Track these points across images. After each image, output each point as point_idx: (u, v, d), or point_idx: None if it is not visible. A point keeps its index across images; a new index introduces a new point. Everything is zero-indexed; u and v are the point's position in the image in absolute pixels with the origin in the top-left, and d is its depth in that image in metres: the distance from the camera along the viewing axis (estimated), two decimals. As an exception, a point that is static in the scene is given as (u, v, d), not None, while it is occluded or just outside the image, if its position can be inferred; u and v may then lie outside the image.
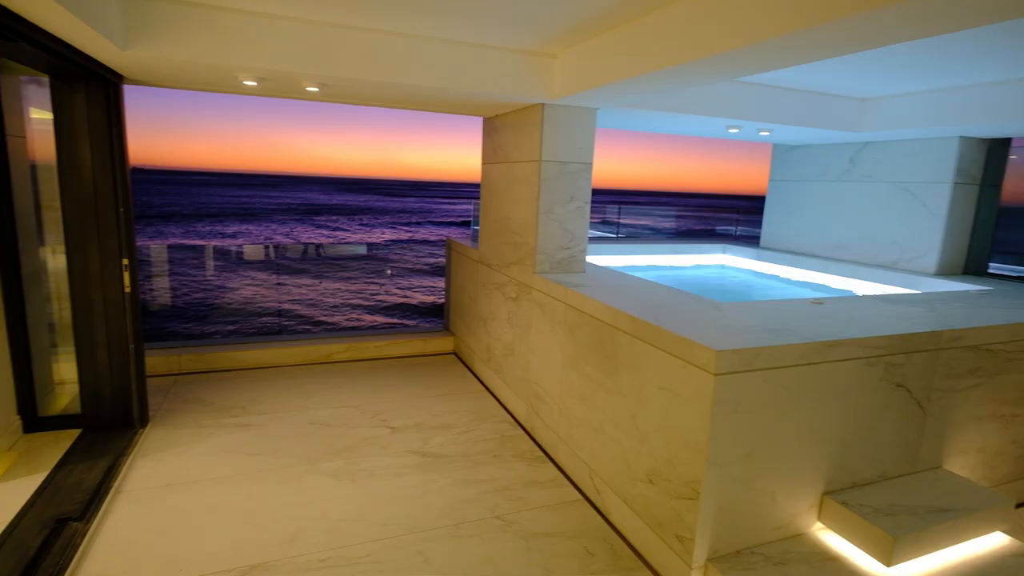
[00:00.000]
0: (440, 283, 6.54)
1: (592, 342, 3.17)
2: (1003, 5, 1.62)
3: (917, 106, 4.29)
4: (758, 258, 6.25)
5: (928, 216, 4.75)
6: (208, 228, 37.25)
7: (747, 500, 2.45)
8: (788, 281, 5.76)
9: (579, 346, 3.32)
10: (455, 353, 5.80)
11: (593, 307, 3.16)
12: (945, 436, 2.96)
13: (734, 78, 3.29)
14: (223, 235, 35.22)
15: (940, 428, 2.93)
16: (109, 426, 3.75)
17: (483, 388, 4.86)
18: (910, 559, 2.42)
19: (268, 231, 37.65)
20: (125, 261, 3.58)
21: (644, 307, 2.96)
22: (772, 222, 6.35)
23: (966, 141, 4.56)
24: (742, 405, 2.33)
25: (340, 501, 3.09)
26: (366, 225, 42.99)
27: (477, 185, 5.19)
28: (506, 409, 4.42)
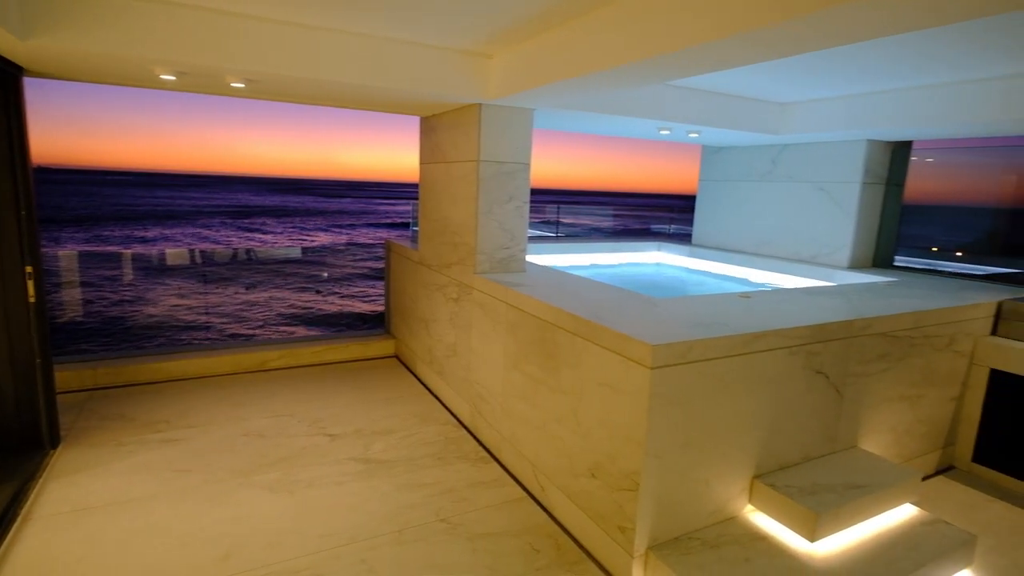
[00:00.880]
0: (382, 288, 6.41)
1: (533, 341, 3.20)
2: (905, 18, 1.76)
3: (829, 111, 4.60)
4: (691, 255, 6.51)
5: (841, 214, 5.10)
6: (127, 233, 34.85)
7: (684, 488, 2.55)
8: (719, 276, 6.03)
9: (521, 345, 3.34)
10: (396, 356, 5.70)
11: (534, 306, 3.19)
12: (859, 417, 3.18)
13: (664, 81, 3.41)
14: (143, 240, 33.07)
15: (855, 410, 3.15)
16: (15, 448, 3.44)
17: (426, 391, 4.80)
18: (831, 534, 2.59)
19: (194, 235, 35.66)
20: (29, 269, 3.29)
21: (583, 305, 3.01)
22: (703, 220, 6.63)
23: (873, 144, 4.93)
24: (677, 397, 2.42)
25: (277, 514, 2.97)
26: (301, 227, 41.51)
27: (416, 185, 5.12)
28: (449, 411, 4.39)
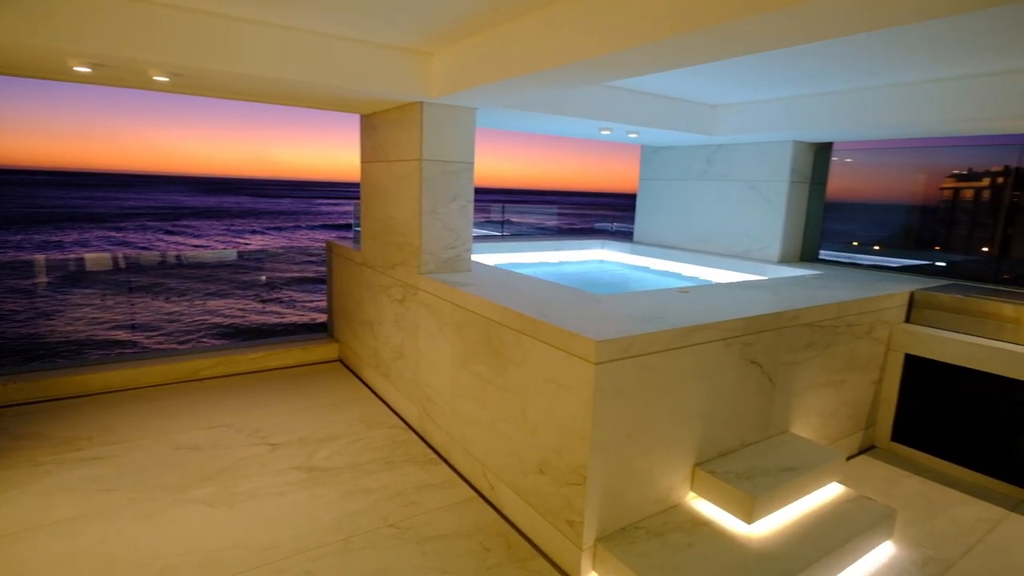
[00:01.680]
0: (323, 292, 6.22)
1: (480, 340, 3.19)
2: (811, 29, 1.87)
3: (757, 113, 4.83)
4: (632, 252, 6.68)
5: (771, 211, 5.37)
6: (39, 237, 32.27)
7: (629, 479, 2.61)
8: (659, 272, 6.22)
9: (468, 345, 3.33)
10: (341, 360, 5.56)
11: (480, 305, 3.18)
12: (790, 403, 3.36)
13: (605, 82, 3.47)
14: (61, 245, 30.72)
15: (786, 397, 3.32)
16: (-90, 476, 3.12)
17: (372, 394, 4.71)
18: (767, 515, 2.72)
19: (114, 239, 33.43)
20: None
21: (529, 303, 3.04)
22: (643, 218, 6.82)
23: (798, 145, 5.21)
24: (621, 391, 2.47)
25: (215, 530, 2.83)
26: (236, 230, 39.70)
27: (358, 185, 5.01)
28: (397, 414, 4.32)
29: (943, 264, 5.41)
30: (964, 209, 5.78)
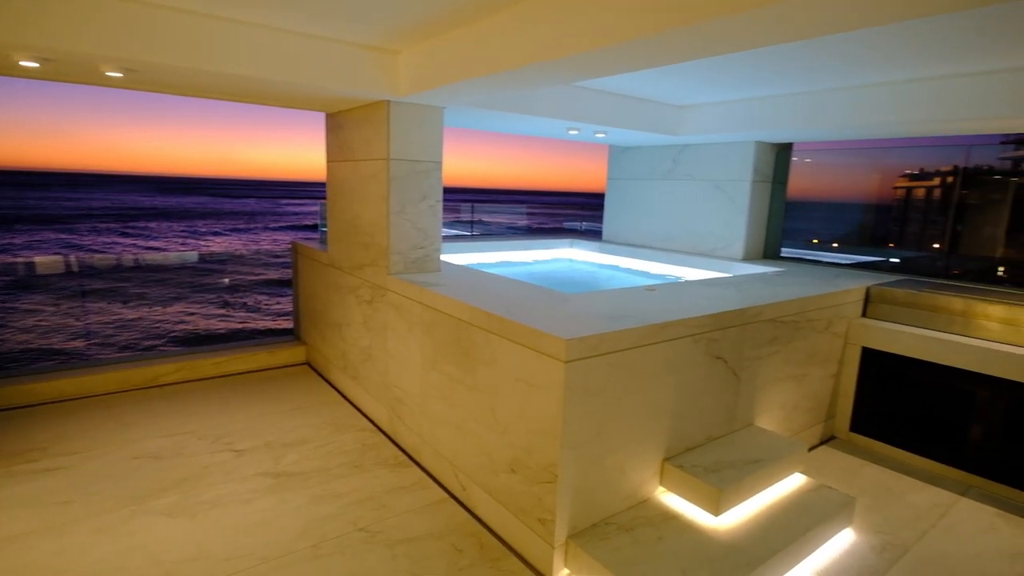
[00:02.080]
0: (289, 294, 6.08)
1: (450, 340, 3.18)
2: (792, 28, 1.92)
3: (721, 114, 4.93)
4: (601, 251, 6.75)
5: (735, 210, 5.49)
6: (-15, 239, 30.76)
7: (599, 476, 2.64)
8: (627, 270, 6.30)
9: (438, 345, 3.31)
10: (308, 363, 5.45)
11: (449, 305, 3.17)
12: (754, 397, 3.45)
13: (572, 82, 3.50)
14: (10, 248, 29.32)
15: (750, 391, 3.40)
16: None
17: (341, 397, 4.63)
18: (733, 507, 2.78)
19: (69, 240, 32.07)
20: None
21: (498, 303, 3.03)
22: (612, 217, 6.90)
23: (760, 145, 5.35)
24: (590, 388, 2.49)
25: (177, 541, 2.74)
26: (196, 231, 38.53)
27: (324, 184, 4.92)
28: (367, 417, 4.26)
29: (897, 260, 5.63)
30: (916, 208, 6.02)
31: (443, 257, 4.54)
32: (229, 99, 4.13)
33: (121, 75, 3.18)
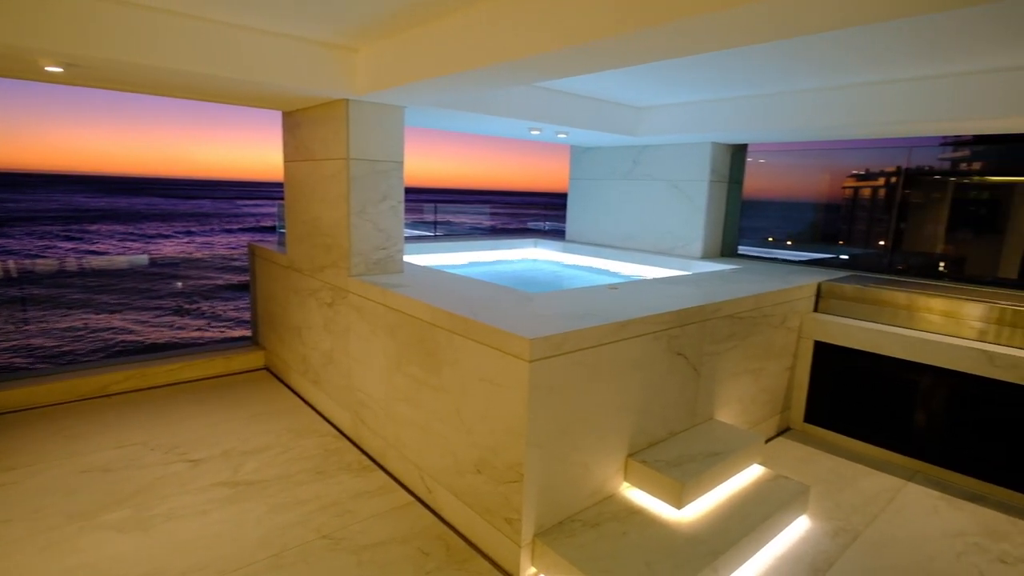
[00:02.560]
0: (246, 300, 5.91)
1: (414, 342, 3.15)
2: (743, 33, 1.97)
3: (678, 115, 5.04)
4: (564, 250, 6.80)
5: (693, 209, 5.62)
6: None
7: (565, 474, 2.66)
8: (590, 269, 6.37)
9: (401, 347, 3.27)
10: (267, 368, 5.31)
11: (413, 307, 3.14)
12: (714, 392, 3.54)
13: (535, 83, 3.52)
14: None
15: (710, 386, 3.49)
16: None
17: (302, 402, 4.53)
18: (695, 499, 2.85)
19: (6, 245, 30.32)
20: None
21: (462, 303, 3.02)
22: (574, 217, 6.96)
23: (717, 146, 5.49)
24: (555, 387, 2.51)
25: (129, 557, 2.63)
26: (145, 235, 36.96)
27: (282, 184, 4.80)
28: (329, 422, 4.18)
29: (846, 257, 5.87)
30: (863, 206, 6.30)
31: (406, 258, 4.49)
32: (180, 96, 3.99)
33: (61, 70, 3.03)
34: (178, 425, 4.02)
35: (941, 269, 5.36)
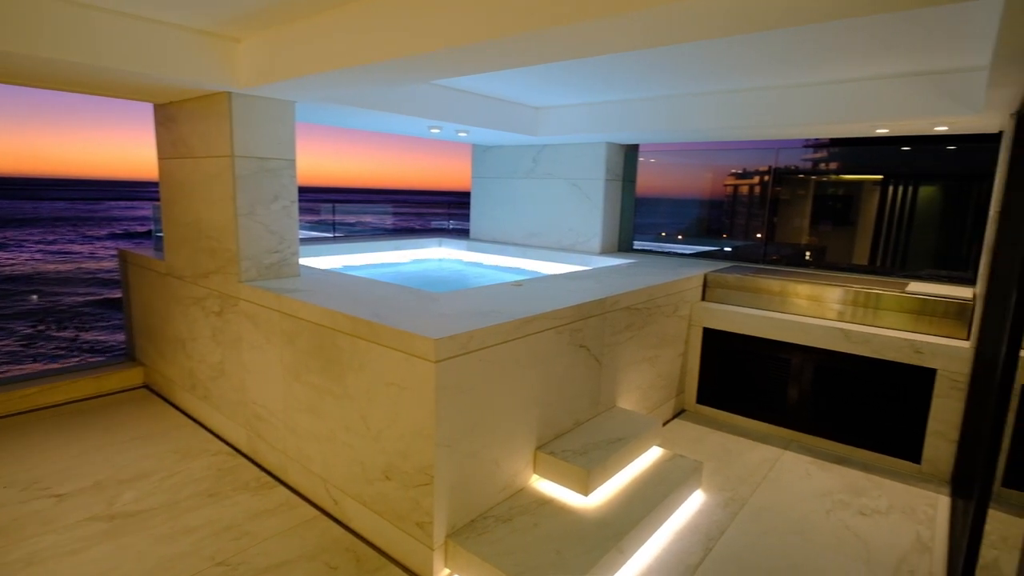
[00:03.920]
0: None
1: (313, 349, 3.00)
2: (634, 38, 2.07)
3: (574, 116, 5.22)
4: (469, 249, 6.81)
5: (591, 206, 5.85)
6: None
7: (475, 472, 2.66)
8: (495, 267, 6.43)
9: (300, 355, 3.11)
10: (147, 386, 4.83)
11: (311, 312, 2.99)
12: (615, 380, 3.70)
13: (430, 80, 3.48)
14: None
15: (612, 375, 3.65)
16: None
17: (189, 421, 4.17)
18: (601, 485, 2.97)
19: None
20: None
21: (364, 306, 2.93)
22: (478, 216, 6.99)
23: (611, 146, 5.74)
24: (462, 386, 2.50)
25: (-22, 613, 2.28)
26: (-5, 239, 32.17)
27: (157, 184, 4.37)
28: (221, 439, 3.88)
29: (729, 249, 6.38)
30: (742, 203, 6.89)
31: (303, 261, 4.27)
32: (36, 85, 3.50)
33: None
34: (38, 456, 3.55)
35: (807, 258, 5.99)
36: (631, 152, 6.13)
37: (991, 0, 2.12)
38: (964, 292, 3.94)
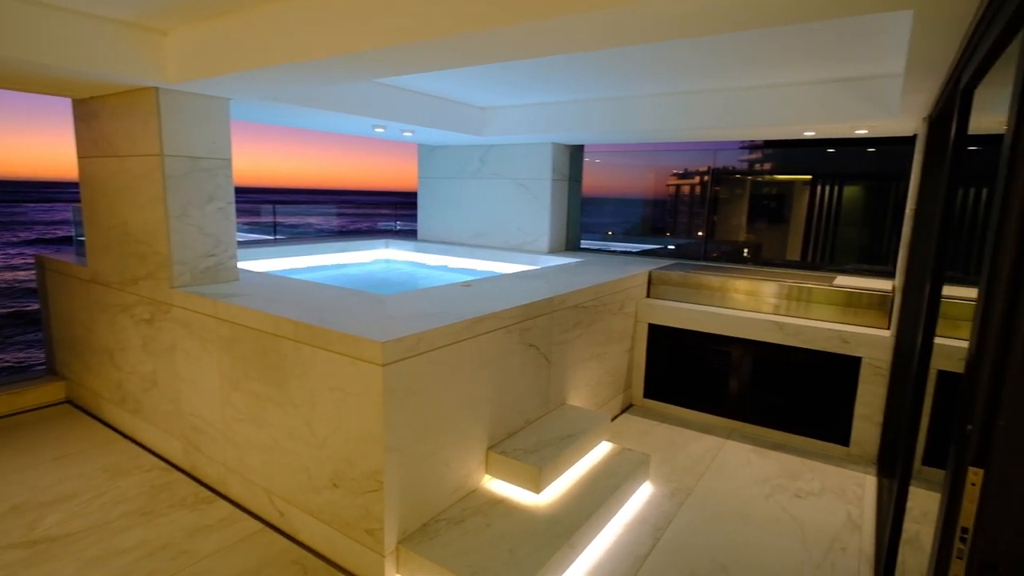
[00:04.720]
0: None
1: (253, 355, 2.89)
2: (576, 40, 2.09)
3: (519, 116, 5.25)
4: (417, 250, 6.73)
5: (538, 206, 5.89)
6: None
7: (426, 475, 2.63)
8: (443, 268, 6.38)
9: (239, 362, 2.98)
10: (70, 401, 4.51)
11: (250, 317, 2.87)
12: (564, 378, 3.75)
13: (372, 79, 3.40)
14: None
15: (561, 373, 3.69)
16: None
17: (119, 436, 3.92)
18: (552, 481, 2.99)
19: None
20: None
21: (307, 310, 2.84)
22: (425, 216, 6.91)
23: (557, 147, 5.81)
24: (411, 388, 2.47)
25: None
26: None
27: (77, 184, 4.09)
28: (154, 454, 3.67)
29: (673, 247, 6.58)
30: (684, 202, 7.11)
31: (242, 265, 4.10)
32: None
33: None
34: (-56, 483, 3.25)
35: (745, 255, 6.25)
36: (577, 152, 6.22)
37: (903, 14, 2.28)
38: (885, 284, 4.22)
